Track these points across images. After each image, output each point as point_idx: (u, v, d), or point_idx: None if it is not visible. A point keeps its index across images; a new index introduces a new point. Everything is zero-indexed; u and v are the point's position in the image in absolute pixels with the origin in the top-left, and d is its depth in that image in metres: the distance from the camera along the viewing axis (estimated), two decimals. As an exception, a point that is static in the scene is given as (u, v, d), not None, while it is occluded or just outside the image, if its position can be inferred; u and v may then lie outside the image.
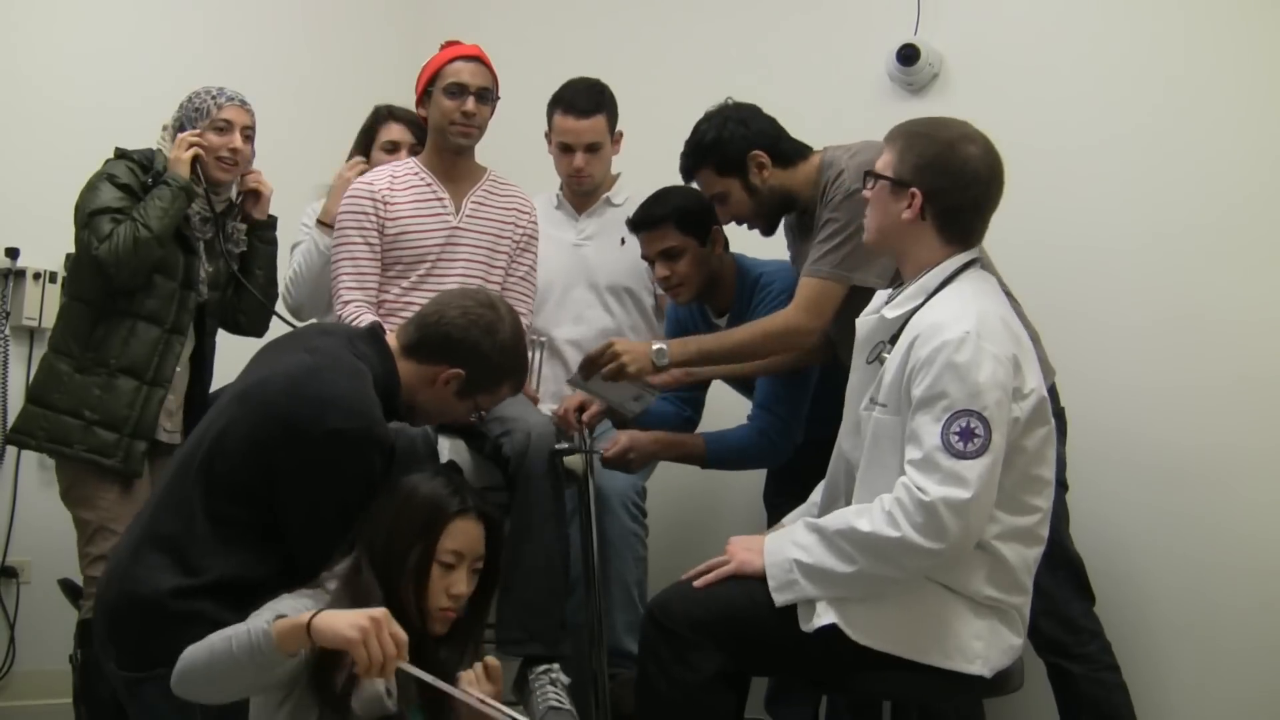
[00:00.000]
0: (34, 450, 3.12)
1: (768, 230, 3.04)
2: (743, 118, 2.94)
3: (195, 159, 3.05)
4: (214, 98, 3.11)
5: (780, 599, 2.22)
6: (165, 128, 3.15)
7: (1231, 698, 3.08)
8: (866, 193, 2.38)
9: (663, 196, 3.13)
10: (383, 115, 3.56)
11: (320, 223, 3.35)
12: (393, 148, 3.49)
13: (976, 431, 2.11)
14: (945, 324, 2.17)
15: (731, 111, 2.96)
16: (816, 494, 2.54)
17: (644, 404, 3.06)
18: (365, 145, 3.55)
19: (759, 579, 2.26)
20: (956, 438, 2.11)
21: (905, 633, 2.19)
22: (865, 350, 2.37)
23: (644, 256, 3.16)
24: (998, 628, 2.23)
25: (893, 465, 2.20)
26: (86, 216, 2.97)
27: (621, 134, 3.52)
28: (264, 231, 3.26)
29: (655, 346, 2.85)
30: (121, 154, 3.09)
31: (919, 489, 2.11)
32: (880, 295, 2.43)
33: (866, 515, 2.17)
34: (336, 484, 2.20)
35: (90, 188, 3.02)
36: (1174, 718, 3.11)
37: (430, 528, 2.14)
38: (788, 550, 2.25)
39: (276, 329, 3.23)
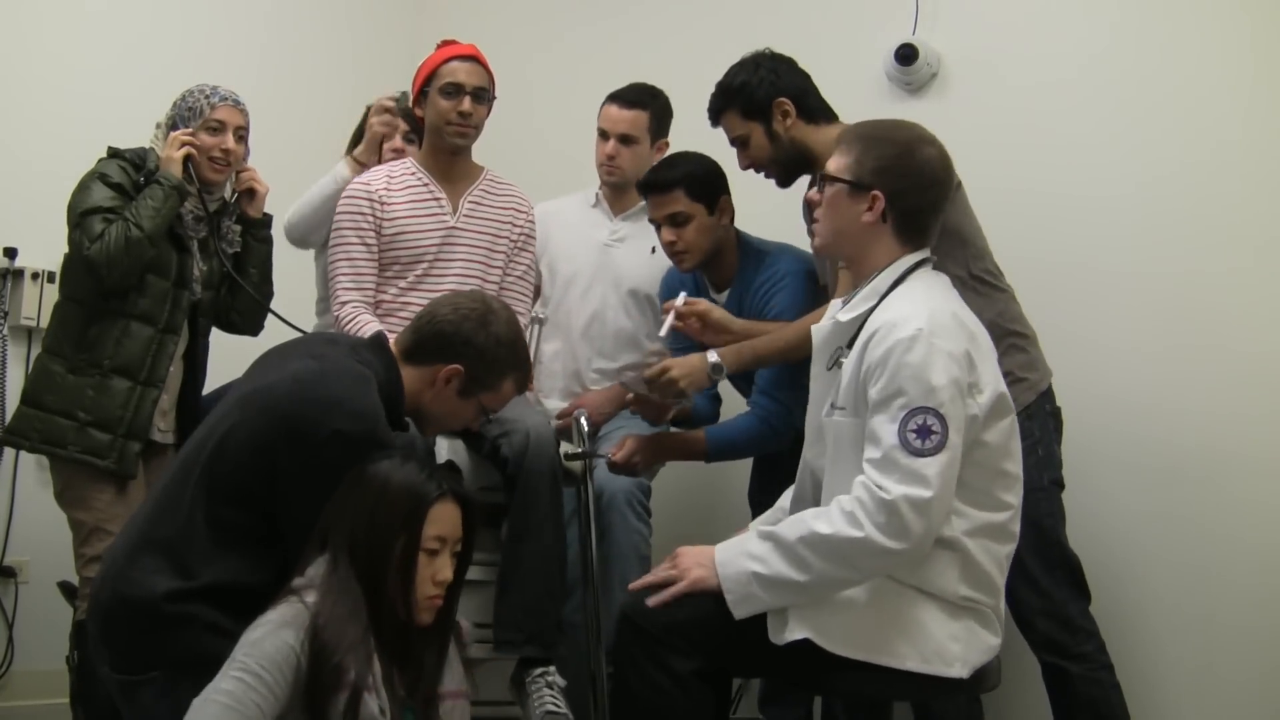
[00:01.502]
0: (28, 451, 3.13)
1: (784, 181, 3.03)
2: (775, 66, 2.98)
3: (187, 158, 3.03)
4: (207, 97, 3.08)
5: (740, 613, 2.20)
6: (159, 125, 3.14)
7: (1228, 695, 3.08)
8: (816, 196, 2.38)
9: (674, 161, 3.16)
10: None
11: (355, 160, 3.31)
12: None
13: (933, 429, 2.11)
14: (898, 323, 2.17)
15: (765, 59, 3.00)
16: (785, 499, 2.53)
17: (688, 401, 3.09)
18: (358, 143, 3.54)
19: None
20: (914, 435, 2.11)
21: (880, 639, 2.17)
22: (824, 357, 2.37)
23: (650, 219, 3.17)
24: (974, 628, 2.22)
25: (855, 468, 2.18)
26: (78, 216, 2.95)
27: (667, 144, 3.51)
28: (258, 230, 3.24)
29: (711, 361, 2.87)
30: (114, 153, 3.08)
31: (879, 487, 2.11)
32: (835, 303, 2.44)
33: (825, 518, 2.15)
34: (332, 485, 2.18)
35: (82, 187, 3.00)
36: (1170, 716, 3.10)
37: (413, 516, 2.10)
38: (743, 563, 2.21)
39: (272, 328, 3.23)
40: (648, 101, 3.47)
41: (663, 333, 3.04)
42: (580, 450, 3.01)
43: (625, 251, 3.51)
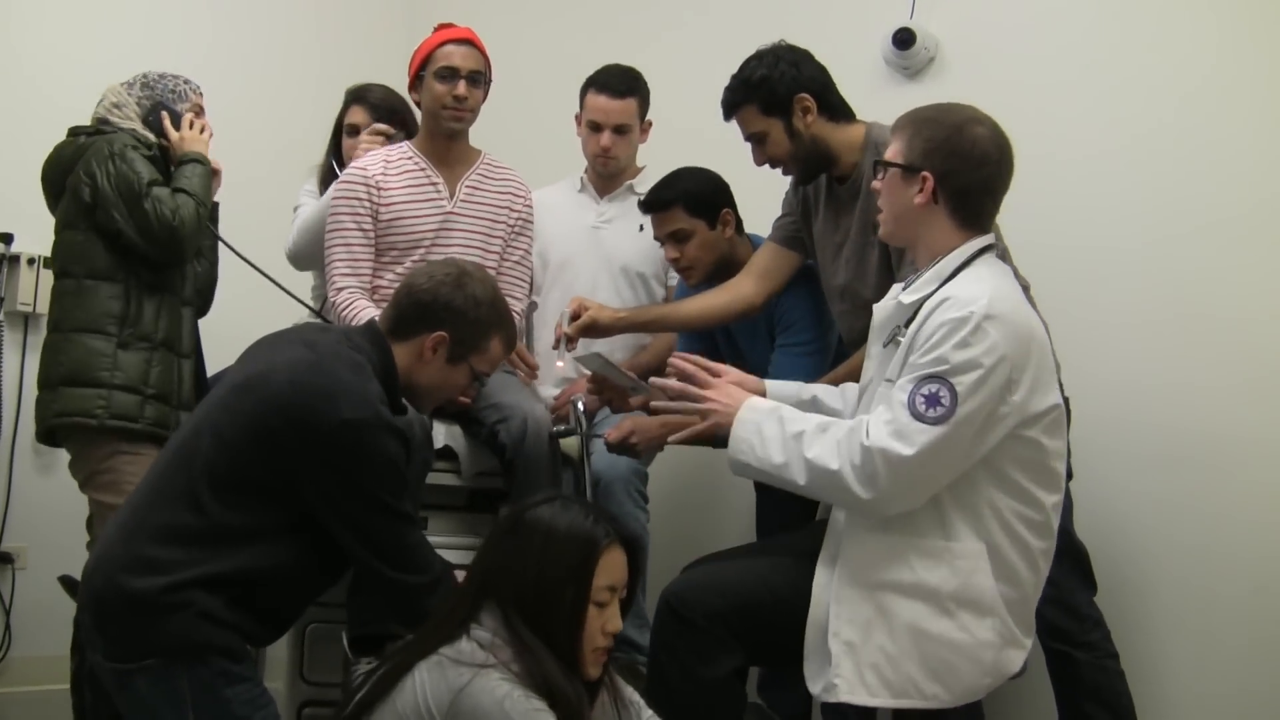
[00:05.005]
0: (93, 430, 2.91)
1: (803, 179, 2.96)
2: (794, 59, 2.86)
3: None
4: (187, 83, 3.15)
5: (730, 458, 2.30)
6: (118, 106, 3.11)
7: (1230, 683, 3.07)
8: (876, 184, 2.35)
9: (672, 180, 3.14)
10: (349, 99, 3.54)
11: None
12: (352, 131, 3.46)
13: (942, 400, 2.10)
14: (956, 301, 2.16)
15: (784, 52, 2.88)
16: (850, 391, 2.51)
17: (641, 394, 3.06)
18: (338, 131, 3.52)
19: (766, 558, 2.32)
20: (922, 400, 2.11)
21: (913, 687, 2.17)
22: (882, 335, 2.35)
23: (655, 238, 3.18)
24: (1006, 651, 2.21)
25: None
26: (145, 187, 2.92)
27: (650, 123, 3.51)
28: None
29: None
30: (96, 130, 3.05)
31: (866, 431, 2.14)
32: (896, 286, 2.41)
33: (821, 442, 2.19)
34: (357, 473, 2.20)
35: (124, 159, 2.95)
36: (1172, 703, 3.10)
37: (585, 566, 2.01)
38: (750, 435, 2.28)
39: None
40: (636, 87, 3.45)
41: (560, 367, 3.08)
42: (571, 428, 2.98)
43: (613, 232, 3.52)
